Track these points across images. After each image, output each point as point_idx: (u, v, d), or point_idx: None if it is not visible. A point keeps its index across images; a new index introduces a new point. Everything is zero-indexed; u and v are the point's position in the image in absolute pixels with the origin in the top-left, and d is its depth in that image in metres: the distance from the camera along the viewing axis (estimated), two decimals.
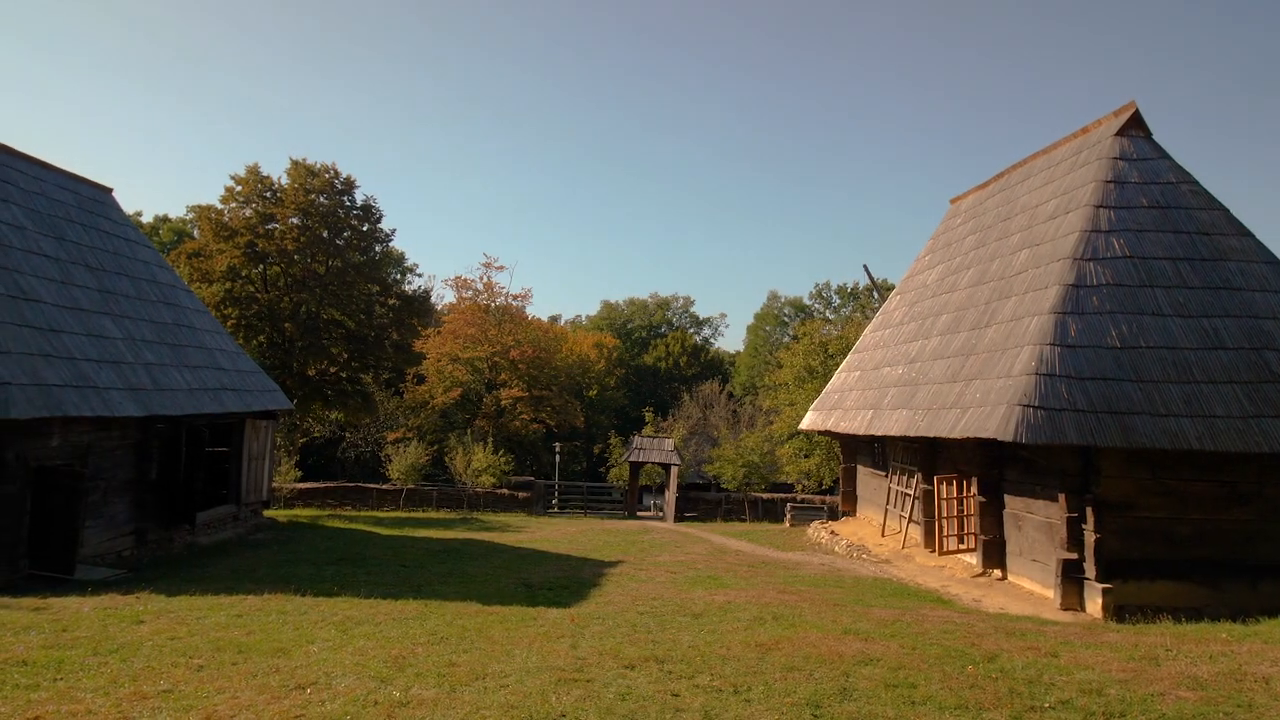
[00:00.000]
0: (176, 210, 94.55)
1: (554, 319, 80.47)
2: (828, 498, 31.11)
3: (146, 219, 59.44)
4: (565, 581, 13.82)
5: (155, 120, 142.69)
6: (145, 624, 8.50)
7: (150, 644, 7.53)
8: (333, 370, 35.07)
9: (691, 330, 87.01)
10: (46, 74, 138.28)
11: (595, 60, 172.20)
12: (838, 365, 26.07)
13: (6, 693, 5.94)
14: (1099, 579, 11.60)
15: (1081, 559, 11.89)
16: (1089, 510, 11.81)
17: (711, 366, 74.70)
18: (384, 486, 32.83)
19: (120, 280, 18.29)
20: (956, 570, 15.11)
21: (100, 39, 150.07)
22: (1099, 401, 11.76)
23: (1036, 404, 11.84)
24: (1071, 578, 11.94)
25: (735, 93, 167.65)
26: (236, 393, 19.69)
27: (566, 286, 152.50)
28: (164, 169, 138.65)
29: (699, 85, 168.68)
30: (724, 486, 35.10)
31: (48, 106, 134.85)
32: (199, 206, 37.20)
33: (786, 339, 65.97)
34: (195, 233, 45.14)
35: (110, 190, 21.34)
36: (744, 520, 31.16)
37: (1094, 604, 11.61)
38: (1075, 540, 11.95)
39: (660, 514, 33.63)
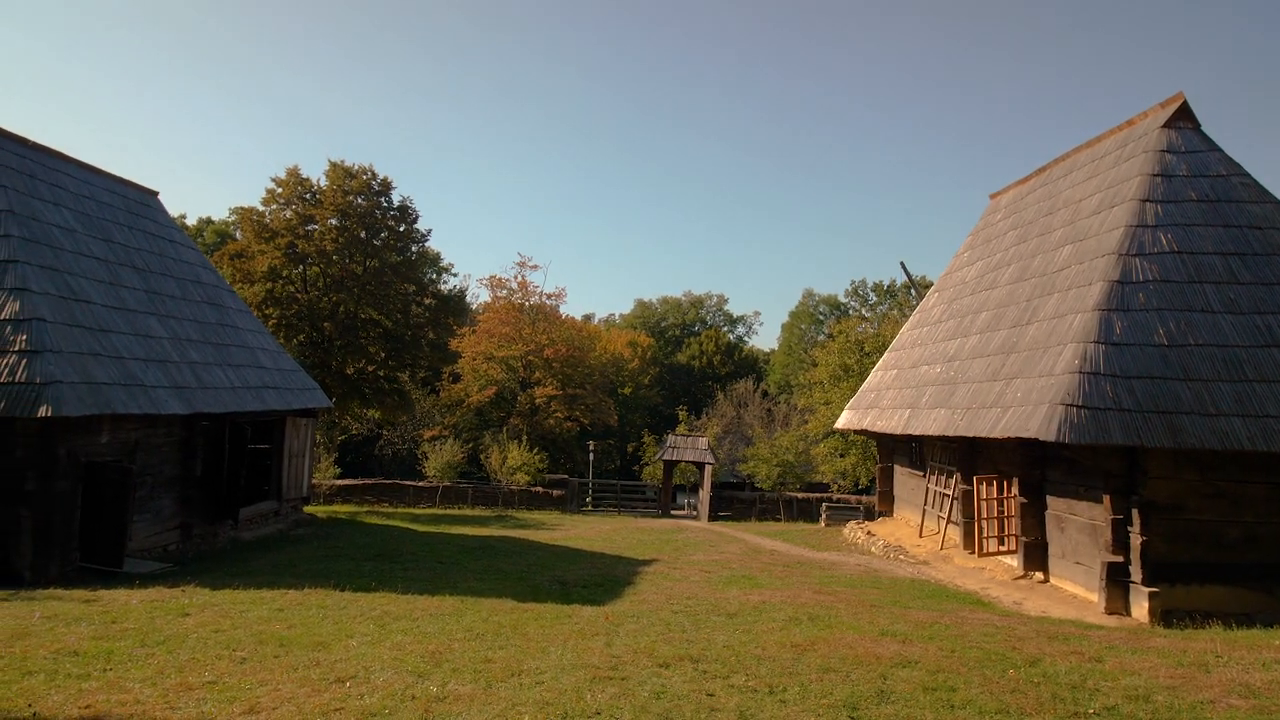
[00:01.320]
0: (219, 212, 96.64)
1: (588, 318, 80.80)
2: (864, 497, 30.79)
3: (191, 221, 60.79)
4: (600, 579, 13.86)
5: (199, 124, 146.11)
6: (190, 616, 8.72)
7: (195, 636, 7.72)
8: (370, 369, 35.59)
9: (725, 328, 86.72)
10: (95, 79, 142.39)
11: (632, 60, 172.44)
12: (874, 364, 25.80)
13: (59, 682, 6.13)
14: (1145, 582, 11.31)
15: (1127, 562, 11.61)
16: (1135, 512, 11.53)
17: (746, 365, 74.40)
18: (420, 484, 33.30)
19: (166, 281, 18.73)
20: (996, 572, 14.85)
21: (146, 45, 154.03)
22: (1146, 400, 11.47)
23: (1080, 403, 11.58)
24: (1116, 581, 11.66)
25: (771, 91, 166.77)
26: (278, 391, 20.07)
27: (600, 285, 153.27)
28: (208, 172, 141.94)
29: (734, 84, 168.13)
30: (758, 486, 34.97)
31: (97, 112, 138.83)
32: (241, 208, 37.99)
33: (822, 337, 65.42)
34: (237, 234, 46.03)
35: (156, 193, 21.86)
36: (779, 520, 30.97)
37: (1140, 608, 11.33)
38: (1120, 543, 11.67)
39: (694, 513, 33.55)
